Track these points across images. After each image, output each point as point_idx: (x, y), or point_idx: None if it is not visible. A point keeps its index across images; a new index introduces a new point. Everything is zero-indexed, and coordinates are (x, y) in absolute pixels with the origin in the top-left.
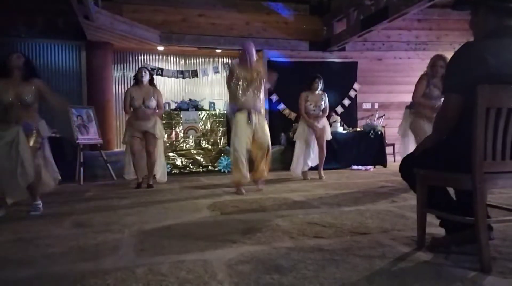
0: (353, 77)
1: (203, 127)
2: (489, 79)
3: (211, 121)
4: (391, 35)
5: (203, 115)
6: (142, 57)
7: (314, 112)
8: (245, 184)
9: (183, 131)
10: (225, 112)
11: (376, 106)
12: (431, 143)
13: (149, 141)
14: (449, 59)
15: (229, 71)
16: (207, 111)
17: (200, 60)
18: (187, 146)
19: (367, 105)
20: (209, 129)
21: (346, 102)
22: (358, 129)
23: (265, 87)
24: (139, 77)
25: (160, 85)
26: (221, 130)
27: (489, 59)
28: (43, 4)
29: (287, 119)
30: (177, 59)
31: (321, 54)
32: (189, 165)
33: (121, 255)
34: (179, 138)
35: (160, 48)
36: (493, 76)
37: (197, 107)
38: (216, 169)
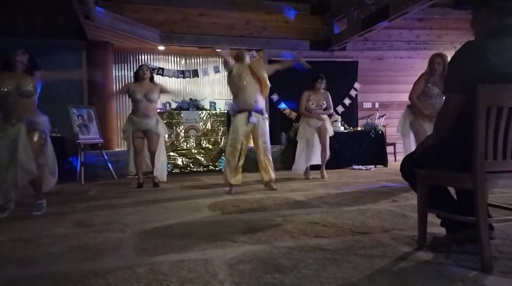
0: (354, 77)
1: (204, 126)
2: (490, 79)
3: (212, 120)
4: (392, 34)
5: (204, 114)
6: (142, 57)
7: (315, 111)
8: (236, 184)
9: (183, 131)
10: (228, 110)
11: (376, 105)
12: (432, 142)
13: (152, 140)
14: (448, 57)
15: (227, 71)
16: (208, 111)
17: (200, 59)
18: (188, 145)
19: (367, 105)
20: (210, 128)
21: (346, 101)
22: (358, 129)
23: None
24: (140, 74)
25: None
26: (222, 129)
27: (490, 59)
28: (43, 3)
29: (287, 119)
30: (178, 59)
31: (321, 53)
32: (189, 164)
33: (122, 254)
34: (180, 137)
35: (160, 47)
36: (494, 75)
37: (198, 106)
38: (216, 168)
